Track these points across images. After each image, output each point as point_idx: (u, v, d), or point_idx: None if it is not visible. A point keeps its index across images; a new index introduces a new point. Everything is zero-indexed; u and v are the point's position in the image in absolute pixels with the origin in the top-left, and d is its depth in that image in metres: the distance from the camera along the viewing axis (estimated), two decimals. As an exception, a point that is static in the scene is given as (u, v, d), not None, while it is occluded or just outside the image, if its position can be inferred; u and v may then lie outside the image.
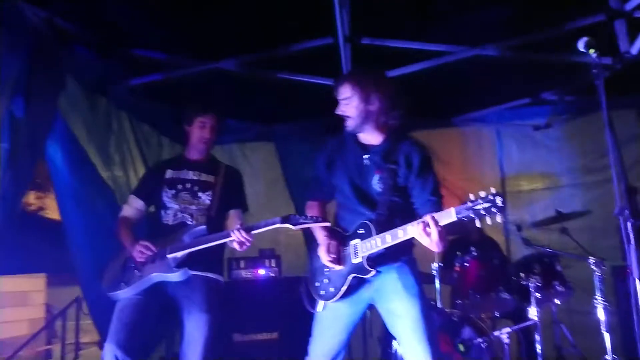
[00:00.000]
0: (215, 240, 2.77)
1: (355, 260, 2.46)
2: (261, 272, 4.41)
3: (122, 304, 2.84)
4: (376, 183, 2.51)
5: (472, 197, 2.17)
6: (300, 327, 2.84)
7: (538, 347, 3.90)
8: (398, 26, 3.91)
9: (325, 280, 2.55)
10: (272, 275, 4.44)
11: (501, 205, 2.11)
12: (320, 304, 2.57)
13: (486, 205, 2.14)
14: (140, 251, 2.86)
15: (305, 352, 2.66)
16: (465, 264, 4.21)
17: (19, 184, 2.92)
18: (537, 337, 3.92)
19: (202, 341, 2.85)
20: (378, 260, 2.44)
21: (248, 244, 2.70)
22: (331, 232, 2.57)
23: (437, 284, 4.26)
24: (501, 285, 4.04)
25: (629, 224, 2.23)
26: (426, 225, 2.21)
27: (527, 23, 3.75)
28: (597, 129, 5.11)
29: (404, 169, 2.52)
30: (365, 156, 2.55)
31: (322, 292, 2.55)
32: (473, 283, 4.14)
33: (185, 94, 4.23)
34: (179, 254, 2.83)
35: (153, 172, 3.26)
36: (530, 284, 4.01)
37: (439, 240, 2.21)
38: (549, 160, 5.37)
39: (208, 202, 3.03)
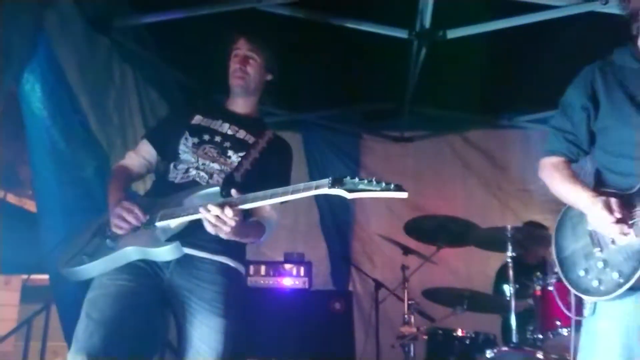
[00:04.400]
0: (186, 215, 1.91)
1: None
2: (286, 281, 3.49)
3: (93, 294, 1.93)
4: None
5: None
6: (336, 354, 2.03)
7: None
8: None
9: (599, 265, 1.76)
10: (300, 286, 3.52)
11: None
12: (589, 305, 1.80)
13: None
14: (119, 216, 1.95)
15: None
16: (548, 287, 3.31)
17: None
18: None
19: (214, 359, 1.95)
20: None
21: (227, 229, 1.82)
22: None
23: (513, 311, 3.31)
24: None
25: None
26: None
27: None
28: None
29: None
30: None
31: (595, 284, 1.75)
32: (558, 312, 3.25)
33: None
34: (173, 222, 1.93)
35: (176, 114, 2.45)
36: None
37: None
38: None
39: (237, 163, 2.14)
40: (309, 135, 4.91)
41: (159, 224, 1.94)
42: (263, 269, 3.54)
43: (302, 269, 3.60)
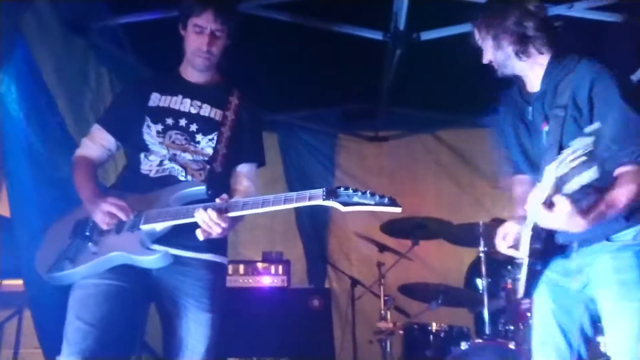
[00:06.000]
0: (175, 219, 1.87)
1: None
2: (265, 280, 3.51)
3: (80, 295, 1.86)
4: (545, 139, 1.87)
5: None
6: (315, 351, 2.09)
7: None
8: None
9: None
10: (279, 285, 3.54)
11: None
12: None
13: None
14: (108, 212, 1.88)
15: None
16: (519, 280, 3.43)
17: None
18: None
19: (203, 354, 1.96)
20: None
21: (219, 232, 1.82)
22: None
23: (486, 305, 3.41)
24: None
25: None
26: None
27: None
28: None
29: (573, 110, 1.81)
30: (529, 109, 1.95)
31: None
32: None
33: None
34: (158, 227, 1.89)
35: (130, 93, 2.23)
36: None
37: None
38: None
39: (210, 150, 2.07)
40: (285, 135, 4.93)
41: (144, 227, 1.88)
42: (242, 268, 3.56)
43: (280, 268, 3.62)
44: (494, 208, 4.74)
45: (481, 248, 3.48)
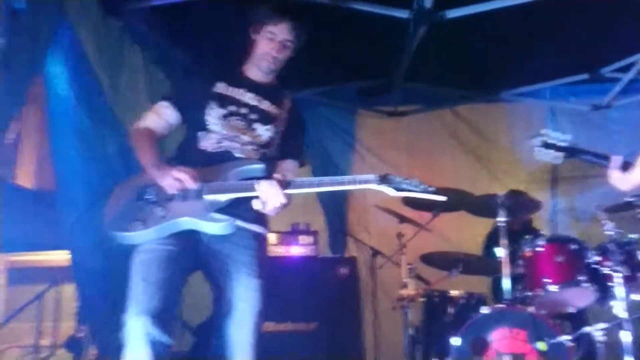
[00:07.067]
0: (237, 192, 2.03)
1: None
2: (295, 250, 3.67)
3: (145, 258, 2.03)
4: None
5: None
6: (343, 317, 2.23)
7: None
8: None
9: None
10: (309, 254, 3.71)
11: None
12: None
13: None
14: (177, 179, 2.03)
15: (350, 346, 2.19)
16: (537, 248, 3.57)
17: (13, 92, 2.13)
18: (628, 338, 3.23)
19: (255, 316, 2.11)
20: None
21: (279, 205, 1.97)
22: None
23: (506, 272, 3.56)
24: (581, 274, 3.43)
25: None
26: None
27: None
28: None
29: None
30: None
31: None
32: (547, 271, 3.52)
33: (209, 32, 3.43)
34: (223, 197, 2.05)
35: (197, 79, 2.45)
36: (614, 274, 3.39)
37: None
38: (607, 144, 4.82)
39: (267, 138, 2.26)
40: (305, 110, 4.89)
41: (208, 197, 2.03)
42: (274, 237, 3.71)
43: (309, 238, 3.78)
44: (511, 182, 4.86)
45: (501, 218, 3.63)
